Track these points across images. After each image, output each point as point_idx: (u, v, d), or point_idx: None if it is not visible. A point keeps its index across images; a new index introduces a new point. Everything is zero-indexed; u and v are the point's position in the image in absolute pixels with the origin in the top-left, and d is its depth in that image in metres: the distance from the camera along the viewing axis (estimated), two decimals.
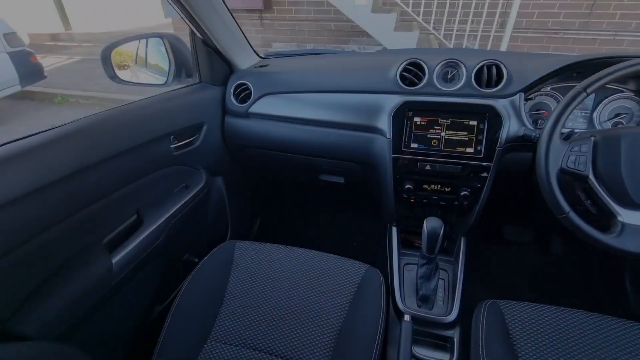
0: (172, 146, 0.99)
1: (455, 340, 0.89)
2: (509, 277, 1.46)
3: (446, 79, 0.93)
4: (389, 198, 1.03)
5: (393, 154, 0.95)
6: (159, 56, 1.15)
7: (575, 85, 0.69)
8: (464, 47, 3.73)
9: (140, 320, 0.97)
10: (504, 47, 3.51)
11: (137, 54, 1.16)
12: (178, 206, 0.98)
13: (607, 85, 0.68)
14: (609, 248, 0.65)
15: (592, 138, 0.70)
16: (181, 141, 1.03)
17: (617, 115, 0.91)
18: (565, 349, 0.67)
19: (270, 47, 5.07)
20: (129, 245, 0.82)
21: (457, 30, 3.60)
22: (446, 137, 0.91)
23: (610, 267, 1.30)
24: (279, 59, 1.32)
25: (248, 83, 1.12)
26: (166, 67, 1.13)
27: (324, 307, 0.78)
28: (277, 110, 1.10)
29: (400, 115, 0.93)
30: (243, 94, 1.13)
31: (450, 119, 0.90)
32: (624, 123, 0.90)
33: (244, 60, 1.21)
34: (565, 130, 0.86)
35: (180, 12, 0.94)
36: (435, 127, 0.92)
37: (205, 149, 1.13)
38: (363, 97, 1.00)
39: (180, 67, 1.14)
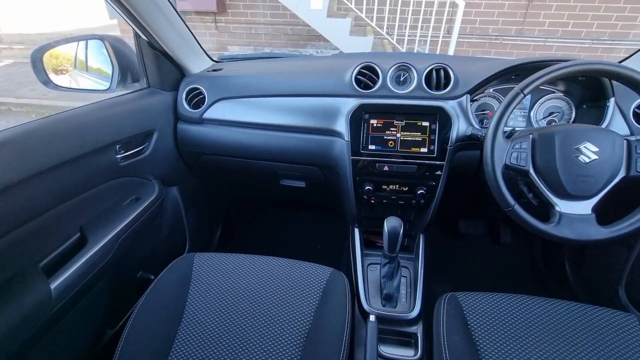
0: (118, 156, 0.92)
1: (419, 335, 0.91)
2: (466, 268, 1.54)
3: (399, 81, 0.97)
4: (350, 200, 1.04)
5: (352, 156, 0.96)
6: (101, 59, 1.06)
7: (514, 87, 0.74)
8: (415, 51, 3.92)
9: (89, 348, 0.89)
10: (451, 52, 3.73)
11: (76, 57, 1.06)
12: (128, 220, 0.91)
13: (540, 87, 0.74)
14: (549, 236, 0.71)
15: (531, 136, 0.75)
16: (129, 150, 0.96)
17: (550, 113, 0.99)
18: (517, 333, 0.71)
19: (226, 51, 4.95)
20: (72, 267, 0.74)
21: (409, 36, 3.78)
22: (402, 138, 0.94)
23: (552, 253, 1.42)
24: (233, 62, 1.29)
25: (201, 88, 1.07)
26: (109, 71, 1.05)
27: (290, 314, 0.76)
28: (232, 115, 1.07)
29: (357, 118, 0.95)
30: (196, 99, 1.08)
31: (404, 121, 0.93)
32: (557, 121, 0.99)
33: (195, 64, 1.16)
34: (507, 129, 0.92)
35: (121, 13, 0.88)
36: (391, 129, 0.94)
37: (157, 158, 1.06)
38: (320, 101, 1.01)
39: (125, 71, 1.07)
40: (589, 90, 0.94)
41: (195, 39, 1.13)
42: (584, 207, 0.71)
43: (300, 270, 0.87)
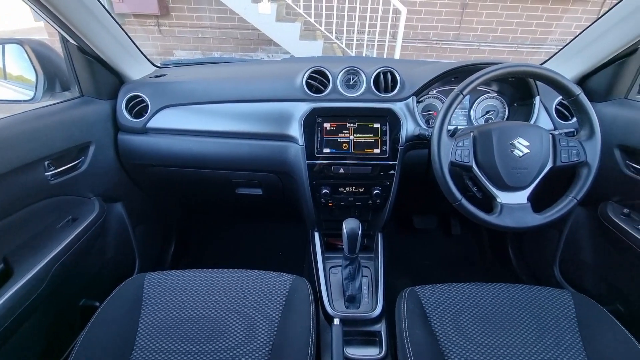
0: (48, 174, 0.82)
1: (383, 333, 0.93)
2: (423, 262, 1.61)
3: (349, 85, 0.99)
4: (308, 204, 1.03)
5: (307, 160, 0.95)
6: (22, 66, 0.95)
7: (454, 88, 0.79)
8: (364, 55, 4.05)
9: None
10: (397, 55, 3.91)
11: None
12: (64, 245, 0.81)
13: (477, 88, 0.80)
14: (494, 226, 0.76)
15: (472, 133, 0.81)
16: (61, 166, 0.86)
17: (487, 112, 1.08)
18: (470, 319, 0.76)
19: (172, 56, 4.72)
20: None
21: (357, 40, 3.89)
22: (355, 140, 0.96)
23: (497, 241, 1.54)
24: (178, 68, 1.22)
25: (143, 95, 1.00)
26: (33, 79, 0.94)
27: (252, 327, 0.73)
28: (180, 123, 1.01)
29: (311, 122, 0.95)
30: (138, 108, 1.01)
31: (356, 123, 0.95)
32: (493, 118, 1.08)
33: (135, 70, 1.08)
34: (451, 128, 0.98)
35: (44, 15, 0.79)
36: (344, 131, 0.95)
37: (96, 172, 0.97)
38: (272, 106, 0.99)
39: (53, 79, 0.97)
40: (518, 90, 1.03)
41: (134, 43, 1.06)
42: (521, 197, 0.77)
43: (261, 280, 0.84)
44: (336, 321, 0.84)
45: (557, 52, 1.05)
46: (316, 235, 1.13)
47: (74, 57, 0.93)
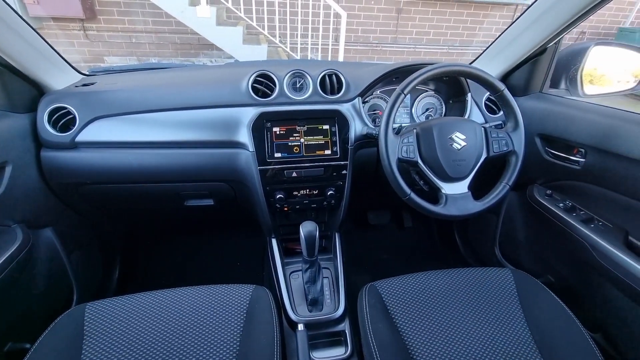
0: None
1: (347, 332, 0.94)
2: (380, 256, 1.66)
3: (296, 88, 0.99)
4: (263, 211, 1.01)
5: (259, 166, 0.93)
6: None
7: (395, 88, 0.83)
8: (309, 58, 4.09)
9: None
10: (341, 58, 4.02)
11: None
12: None
13: (416, 87, 0.85)
14: (441, 216, 0.81)
15: (415, 130, 0.86)
16: None
17: (427, 109, 1.15)
18: (426, 306, 0.80)
19: (103, 63, 4.34)
20: None
21: (301, 44, 3.93)
22: (305, 143, 0.96)
23: (445, 229, 1.65)
24: (109, 75, 1.12)
25: (69, 106, 0.90)
26: None
27: (214, 345, 0.70)
28: (115, 135, 0.93)
29: (260, 127, 0.93)
30: (64, 121, 0.91)
31: (306, 126, 0.96)
32: (433, 115, 1.15)
33: (58, 78, 0.97)
34: (395, 126, 1.02)
35: None
36: (294, 135, 0.95)
37: (15, 196, 0.85)
38: (218, 112, 0.96)
39: None
40: (452, 88, 1.12)
41: (54, 49, 0.95)
42: (462, 187, 0.84)
43: (218, 295, 0.80)
44: (300, 327, 0.83)
45: (482, 53, 1.15)
46: (274, 241, 1.11)
47: None
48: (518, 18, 0.98)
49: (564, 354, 0.69)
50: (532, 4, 0.92)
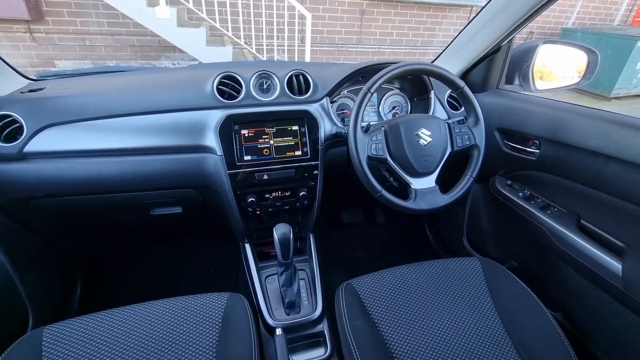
0: None
1: (326, 332, 0.94)
2: (355, 254, 1.68)
3: (263, 89, 0.97)
4: (235, 216, 0.99)
5: (228, 170, 0.91)
6: None
7: (362, 87, 0.84)
8: (275, 59, 4.07)
9: None
10: (307, 59, 4.03)
11: None
12: None
13: (382, 86, 0.87)
14: (411, 210, 0.84)
15: (383, 128, 0.87)
16: None
17: (394, 107, 1.18)
18: (401, 299, 0.81)
19: (54, 67, 4.05)
20: None
21: (267, 45, 3.89)
22: (275, 144, 0.95)
23: (416, 224, 1.70)
24: (60, 80, 1.05)
25: (14, 114, 0.83)
26: None
27: (188, 358, 0.67)
28: (70, 144, 0.87)
29: (227, 130, 0.91)
30: (9, 130, 0.83)
31: (275, 127, 0.95)
32: (399, 113, 1.18)
33: (0, 84, 0.90)
34: (364, 124, 1.04)
35: None
36: (264, 137, 0.94)
37: None
38: (182, 116, 0.92)
39: None
40: (416, 86, 1.15)
41: None
42: (430, 182, 0.86)
43: (191, 306, 0.77)
44: (278, 331, 0.82)
45: (442, 52, 1.20)
46: (247, 246, 1.08)
47: None
48: (473, 19, 1.03)
49: (528, 334, 0.74)
50: (485, 6, 0.97)
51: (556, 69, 1.00)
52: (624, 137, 0.72)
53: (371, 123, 1.05)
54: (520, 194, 1.01)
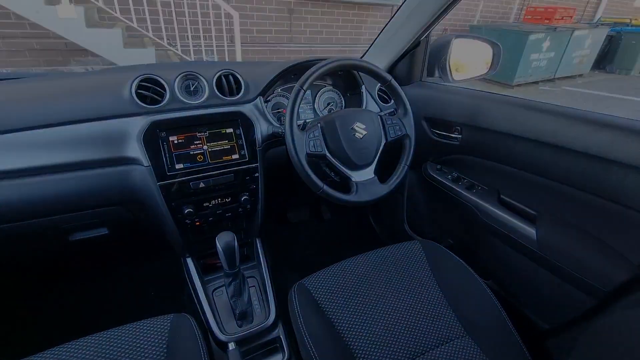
0: None
1: (282, 337, 0.92)
2: (305, 252, 1.68)
3: (190, 92, 0.91)
4: (171, 230, 0.91)
5: (158, 181, 0.83)
6: None
7: (294, 85, 0.84)
8: (204, 60, 3.87)
9: None
10: (238, 59, 3.91)
11: None
12: None
13: (314, 82, 0.87)
14: (355, 203, 0.85)
15: (319, 124, 0.88)
16: None
17: (328, 103, 1.19)
18: (352, 291, 0.83)
19: None
20: None
21: (194, 46, 3.68)
22: (209, 149, 0.89)
23: (361, 216, 1.75)
24: None
25: None
26: None
27: None
28: None
29: (153, 138, 0.83)
30: None
31: (207, 131, 0.89)
32: (334, 108, 1.20)
33: None
34: (300, 122, 1.03)
35: None
36: (196, 142, 0.88)
37: None
38: (97, 126, 0.82)
39: None
40: (348, 81, 1.18)
41: None
42: (369, 173, 0.89)
43: (129, 336, 0.69)
44: (231, 346, 0.78)
45: (368, 48, 1.24)
46: (189, 261, 1.01)
47: None
48: (392, 17, 1.08)
49: (467, 303, 0.81)
50: (402, 5, 1.03)
51: (468, 60, 1.11)
52: (528, 119, 0.82)
53: (307, 120, 1.05)
54: (449, 176, 1.10)
